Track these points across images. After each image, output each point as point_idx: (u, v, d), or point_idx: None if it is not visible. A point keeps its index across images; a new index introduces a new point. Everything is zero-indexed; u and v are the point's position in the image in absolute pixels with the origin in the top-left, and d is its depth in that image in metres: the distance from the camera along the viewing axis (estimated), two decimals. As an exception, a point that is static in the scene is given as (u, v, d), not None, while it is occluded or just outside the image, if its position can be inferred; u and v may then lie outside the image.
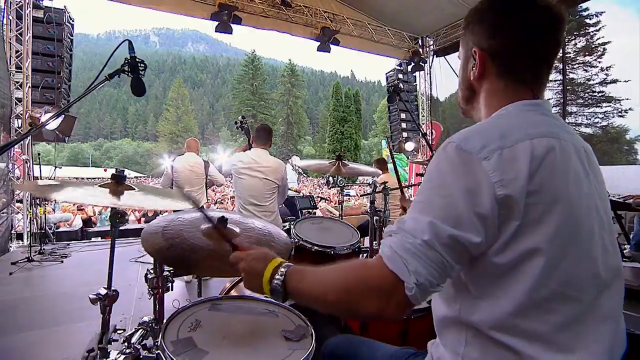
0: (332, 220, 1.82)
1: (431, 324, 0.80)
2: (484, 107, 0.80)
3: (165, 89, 77.60)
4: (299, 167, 4.67)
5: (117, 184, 0.98)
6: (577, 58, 21.06)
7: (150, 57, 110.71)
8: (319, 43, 8.31)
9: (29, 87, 6.08)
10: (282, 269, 0.74)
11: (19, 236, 6.04)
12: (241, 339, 0.89)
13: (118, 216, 0.98)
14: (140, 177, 43.07)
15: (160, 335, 0.84)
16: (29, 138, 6.11)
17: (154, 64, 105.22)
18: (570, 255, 0.63)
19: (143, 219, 8.84)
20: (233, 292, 1.29)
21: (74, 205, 9.31)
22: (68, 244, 5.82)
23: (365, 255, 1.74)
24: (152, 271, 1.27)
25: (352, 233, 1.63)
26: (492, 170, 0.60)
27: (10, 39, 5.78)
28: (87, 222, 7.81)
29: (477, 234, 0.59)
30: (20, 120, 6.06)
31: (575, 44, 20.88)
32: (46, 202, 6.49)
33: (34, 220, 6.21)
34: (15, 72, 5.90)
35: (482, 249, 0.62)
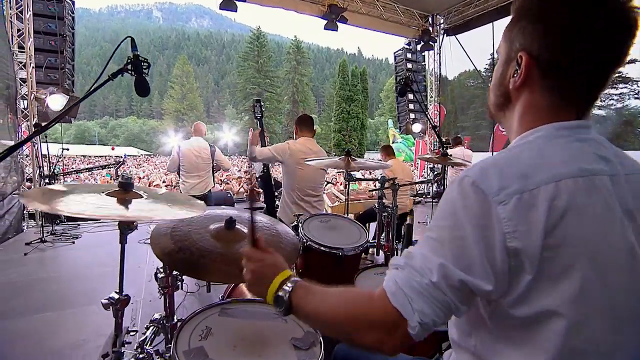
0: (341, 218, 1.81)
1: (439, 335, 0.79)
2: (516, 122, 0.70)
3: (170, 65, 76.73)
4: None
5: (125, 191, 0.96)
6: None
7: (154, 33, 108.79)
8: (326, 21, 8.06)
9: (33, 67, 6.02)
10: (290, 284, 0.72)
11: (32, 216, 6.16)
12: (251, 347, 0.91)
13: (126, 225, 0.98)
14: (147, 154, 43.32)
15: (173, 344, 0.86)
16: (35, 119, 6.12)
17: (158, 40, 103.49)
18: (596, 320, 0.56)
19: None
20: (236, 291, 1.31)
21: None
22: (78, 225, 5.93)
23: (373, 250, 1.74)
24: (161, 270, 1.28)
25: (360, 233, 1.62)
26: (506, 219, 0.55)
27: (11, 17, 5.67)
28: (96, 202, 7.93)
29: (489, 281, 0.56)
30: (25, 102, 6.04)
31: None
32: (55, 182, 6.59)
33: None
34: (19, 52, 5.83)
35: (494, 297, 0.58)
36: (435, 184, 9.12)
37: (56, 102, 5.84)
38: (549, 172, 0.57)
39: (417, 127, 10.01)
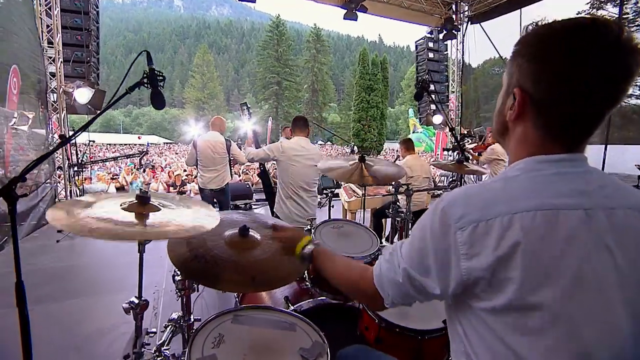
0: (353, 224, 1.81)
1: (445, 344, 0.84)
2: (511, 152, 0.74)
3: (191, 54, 77.60)
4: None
5: (142, 205, 1.01)
6: (637, 19, 18.86)
7: (175, 22, 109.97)
8: (345, 10, 7.92)
9: (61, 61, 6.26)
10: (310, 246, 1.07)
11: (62, 204, 6.50)
12: (260, 357, 0.95)
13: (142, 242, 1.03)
14: (169, 142, 44.44)
15: (187, 351, 0.91)
16: (64, 112, 6.39)
17: (179, 29, 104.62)
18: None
19: (172, 188, 9.21)
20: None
21: (108, 174, 9.82)
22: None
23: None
24: (178, 272, 1.35)
25: (372, 240, 1.63)
26: (461, 243, 0.64)
27: (40, 14, 5.89)
28: (120, 190, 8.25)
29: (438, 287, 0.68)
30: (55, 95, 6.31)
31: (637, 2, 18.59)
32: (83, 170, 6.92)
33: (74, 189, 6.65)
34: (48, 47, 6.06)
35: (441, 298, 0.71)
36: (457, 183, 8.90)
37: (83, 95, 6.08)
38: (508, 205, 0.63)
39: (437, 119, 9.78)
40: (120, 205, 1.00)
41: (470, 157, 7.67)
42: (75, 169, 6.58)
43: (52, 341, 2.46)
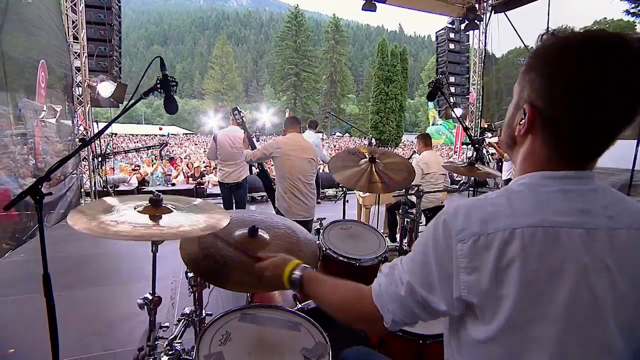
0: (362, 225, 1.82)
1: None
2: (518, 165, 0.73)
3: (210, 45, 78.29)
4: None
5: (154, 207, 1.06)
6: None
7: (194, 14, 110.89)
8: (364, 1, 7.79)
9: (86, 56, 6.46)
10: (298, 271, 0.94)
11: (88, 194, 6.79)
12: (264, 355, 0.99)
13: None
14: (189, 133, 45.32)
15: (196, 347, 0.96)
16: (88, 105, 6.62)
17: (198, 20, 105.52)
18: None
19: (191, 179, 9.43)
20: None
21: (130, 165, 10.15)
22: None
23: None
24: (188, 270, 1.40)
25: (380, 242, 1.64)
26: (462, 255, 0.63)
27: (66, 10, 6.08)
28: (142, 181, 8.52)
29: (444, 303, 0.66)
30: (80, 89, 6.54)
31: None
32: (106, 161, 7.20)
33: (97, 179, 6.93)
34: (73, 42, 6.27)
35: (449, 314, 0.70)
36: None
37: (106, 89, 6.28)
38: (509, 220, 0.62)
39: (457, 112, 9.56)
40: (135, 208, 1.05)
41: (494, 152, 7.47)
42: (99, 159, 6.86)
43: (78, 327, 2.62)
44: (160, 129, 41.84)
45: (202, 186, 8.26)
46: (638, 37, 0.57)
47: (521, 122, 0.68)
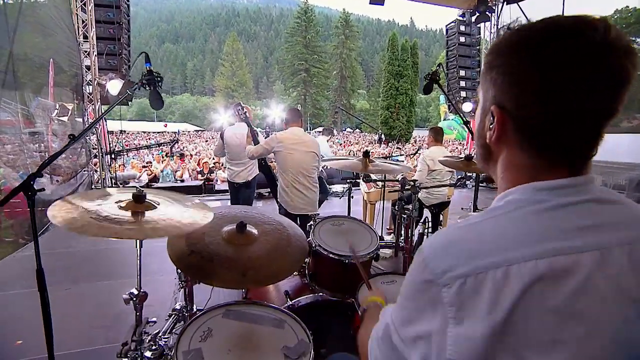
0: (356, 222, 1.79)
1: None
2: (499, 179, 0.62)
3: (220, 43, 78.77)
4: (324, 165, 4.56)
5: (138, 203, 1.06)
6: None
7: (205, 11, 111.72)
8: (371, -5, 7.70)
9: (96, 55, 6.58)
10: (373, 304, 1.01)
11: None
12: (244, 353, 0.98)
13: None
14: (200, 130, 45.79)
15: (176, 342, 0.97)
16: (98, 103, 6.75)
17: (209, 17, 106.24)
18: None
19: (200, 175, 9.53)
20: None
21: (141, 162, 10.33)
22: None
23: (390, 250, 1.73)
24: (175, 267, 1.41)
25: (372, 238, 1.61)
26: (449, 304, 0.50)
27: (76, 9, 6.19)
28: (153, 178, 8.65)
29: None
30: (90, 87, 6.67)
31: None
32: (117, 158, 7.34)
33: (108, 176, 7.08)
34: (83, 41, 6.38)
35: None
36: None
37: (114, 87, 6.38)
38: (501, 253, 0.49)
39: (467, 107, 9.38)
40: (117, 204, 1.05)
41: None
42: (111, 156, 7.00)
43: (85, 320, 2.69)
44: (165, 125, 42.07)
45: (210, 182, 8.34)
46: (601, 19, 0.51)
47: (491, 127, 0.59)
